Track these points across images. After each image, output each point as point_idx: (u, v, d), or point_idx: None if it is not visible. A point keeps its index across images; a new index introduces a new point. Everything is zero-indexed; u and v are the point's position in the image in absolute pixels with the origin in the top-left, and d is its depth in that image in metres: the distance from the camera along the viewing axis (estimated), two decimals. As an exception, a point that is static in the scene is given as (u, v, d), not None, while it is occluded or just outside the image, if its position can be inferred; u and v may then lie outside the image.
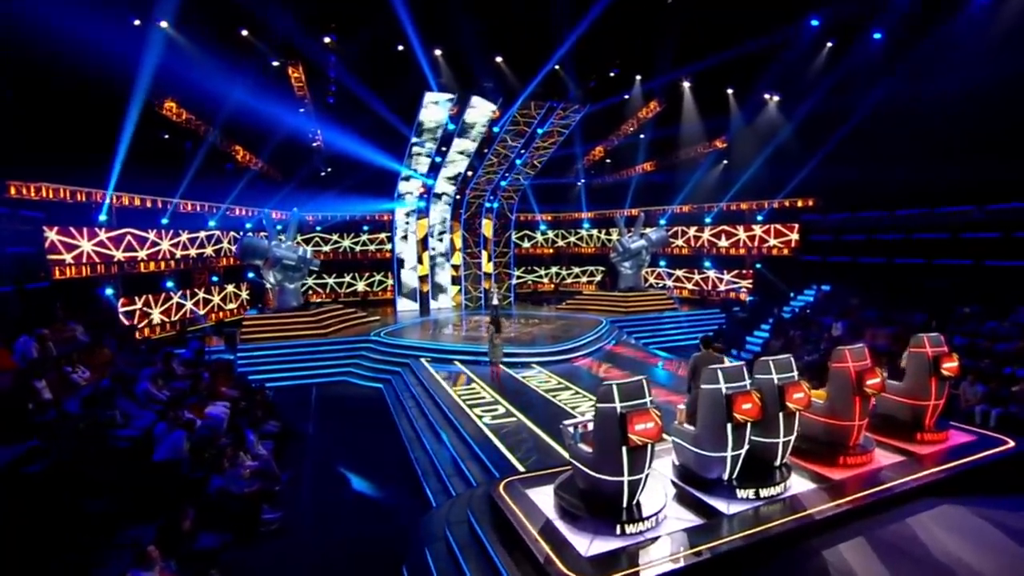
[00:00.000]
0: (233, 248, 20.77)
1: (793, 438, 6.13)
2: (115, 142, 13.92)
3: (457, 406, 11.19)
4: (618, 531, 5.13)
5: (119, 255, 15.79)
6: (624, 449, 5.05)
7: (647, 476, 5.31)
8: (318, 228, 27.97)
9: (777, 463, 6.15)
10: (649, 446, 5.16)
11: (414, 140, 20.69)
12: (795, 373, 6.22)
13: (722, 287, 25.58)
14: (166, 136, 17.29)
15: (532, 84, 18.92)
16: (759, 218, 23.73)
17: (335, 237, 28.26)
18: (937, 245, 16.09)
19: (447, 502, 6.96)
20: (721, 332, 20.68)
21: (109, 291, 15.25)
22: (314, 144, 23.21)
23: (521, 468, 7.69)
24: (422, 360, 15.65)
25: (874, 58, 16.76)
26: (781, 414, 6.01)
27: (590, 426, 5.57)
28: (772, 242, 23.27)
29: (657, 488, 5.68)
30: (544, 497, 5.96)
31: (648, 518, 5.21)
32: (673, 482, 6.22)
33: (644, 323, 21.86)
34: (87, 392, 7.65)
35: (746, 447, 5.87)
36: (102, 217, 15.06)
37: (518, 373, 14.04)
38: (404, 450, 10.30)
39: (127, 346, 11.34)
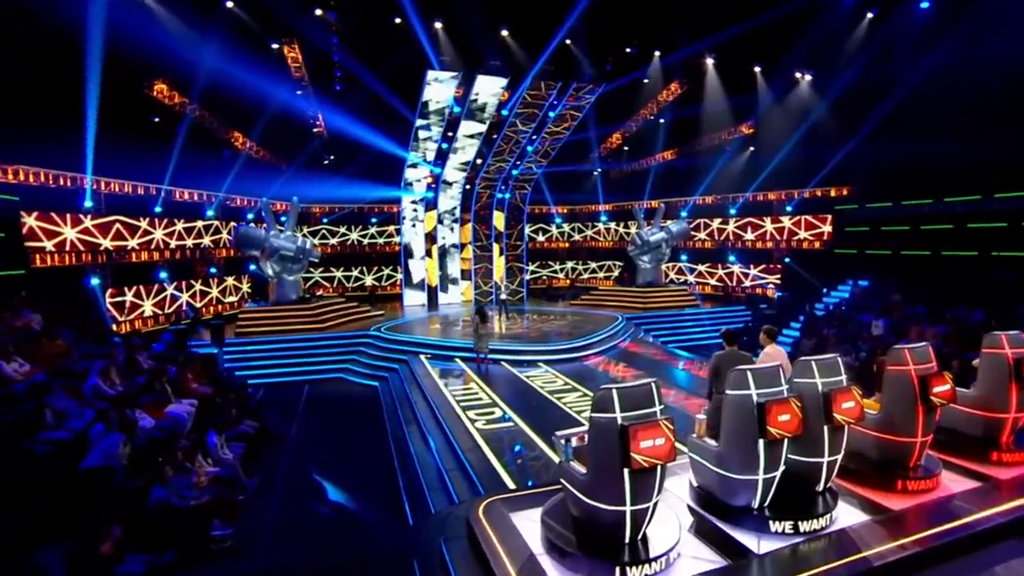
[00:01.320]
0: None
1: (840, 457, 4.98)
2: (97, 123, 13.18)
3: (450, 408, 10.20)
4: (617, 574, 4.05)
5: (107, 243, 15.14)
6: (626, 472, 3.97)
7: (656, 504, 4.22)
8: (325, 220, 27.33)
9: (820, 488, 5.01)
10: (658, 468, 4.07)
11: (419, 123, 19.75)
12: (843, 377, 5.06)
13: (747, 283, 24.22)
14: (156, 119, 16.61)
15: (541, 59, 17.79)
16: (788, 209, 22.32)
17: (342, 229, 27.60)
18: (993, 235, 14.60)
19: (421, 522, 5.96)
20: (747, 330, 19.40)
21: (95, 281, 14.59)
22: (315, 130, 22.41)
23: (511, 483, 6.66)
24: (421, 357, 14.72)
25: (921, 27, 15.28)
26: (826, 428, 4.87)
27: (587, 438, 4.48)
28: (802, 235, 21.84)
29: (669, 517, 4.60)
30: (531, 524, 4.91)
31: (657, 558, 4.13)
32: (690, 508, 5.11)
33: (663, 320, 20.69)
34: (21, 387, 6.85)
35: (782, 468, 4.74)
36: (87, 203, 14.40)
37: (523, 372, 13.01)
38: (390, 456, 9.35)
39: (90, 337, 10.60)
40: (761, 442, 4.53)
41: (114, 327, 15.19)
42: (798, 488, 4.88)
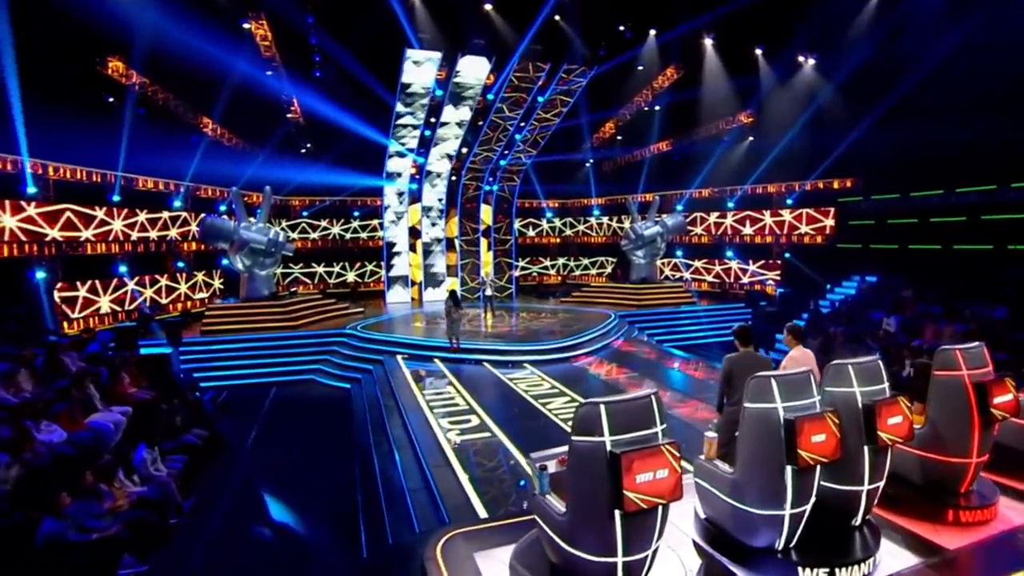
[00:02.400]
0: (202, 231, 18.94)
1: (883, 484, 4.07)
2: (41, 100, 12.08)
3: (421, 416, 9.23)
4: (605, 643, 3.11)
5: (55, 234, 14.02)
6: (617, 514, 3.03)
7: (656, 551, 3.28)
8: (305, 214, 26.31)
9: (857, 521, 4.08)
10: (660, 509, 3.12)
11: (399, 108, 18.72)
12: (886, 384, 4.14)
13: (746, 279, 23.39)
14: (111, 99, 15.47)
15: (528, 36, 16.76)
16: (788, 202, 21.51)
17: (324, 223, 26.56)
18: (1009, 228, 13.79)
19: (372, 558, 4.99)
20: (747, 328, 18.54)
21: (41, 275, 13.48)
22: (289, 115, 21.31)
23: (482, 510, 5.69)
24: (398, 358, 13.73)
25: (934, 7, 14.43)
26: (867, 448, 3.95)
27: (568, 465, 3.50)
28: (803, 229, 21.02)
29: (669, 559, 3.66)
30: (500, 567, 3.97)
31: (655, 622, 3.18)
32: (697, 547, 4.17)
33: (658, 318, 19.83)
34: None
35: (812, 500, 3.82)
36: (30, 189, 13.27)
37: (506, 374, 12.05)
38: (353, 470, 8.36)
39: (22, 336, 9.55)
40: (789, 469, 3.61)
41: (65, 325, 14.10)
42: (830, 522, 3.96)
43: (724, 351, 16.76)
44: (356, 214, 26.80)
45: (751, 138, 22.21)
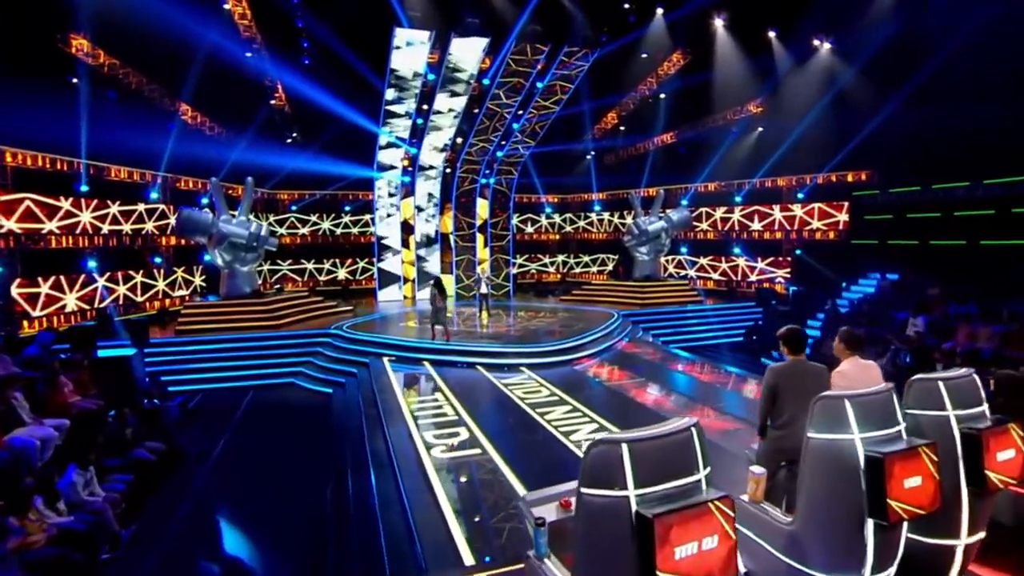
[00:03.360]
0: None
1: (983, 534, 3.17)
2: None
3: (404, 427, 8.31)
4: None
5: (12, 225, 13.06)
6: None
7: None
8: (293, 208, 25.38)
9: (950, 581, 3.17)
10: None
11: (389, 95, 17.78)
12: (985, 407, 3.22)
13: (753, 277, 22.50)
14: (74, 80, 14.49)
15: (526, 13, 15.81)
16: (800, 196, 20.61)
17: (313, 218, 25.63)
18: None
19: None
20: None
21: (-2, 269, 12.55)
22: (273, 101, 20.36)
23: (467, 553, 4.75)
24: (384, 360, 12.81)
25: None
26: (967, 490, 3.05)
27: (576, 521, 2.54)
28: (815, 224, 20.12)
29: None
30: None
31: None
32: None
33: (663, 318, 18.91)
34: None
35: (899, 559, 2.92)
36: (-16, 177, 12.35)
37: (501, 379, 11.14)
38: (324, 492, 7.42)
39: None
40: (871, 523, 2.71)
41: (25, 324, 13.16)
42: (917, 583, 3.06)
43: (733, 353, 15.86)
44: (347, 208, 25.89)
45: (760, 129, 21.29)
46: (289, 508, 7.06)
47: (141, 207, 17.03)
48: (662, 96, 23.58)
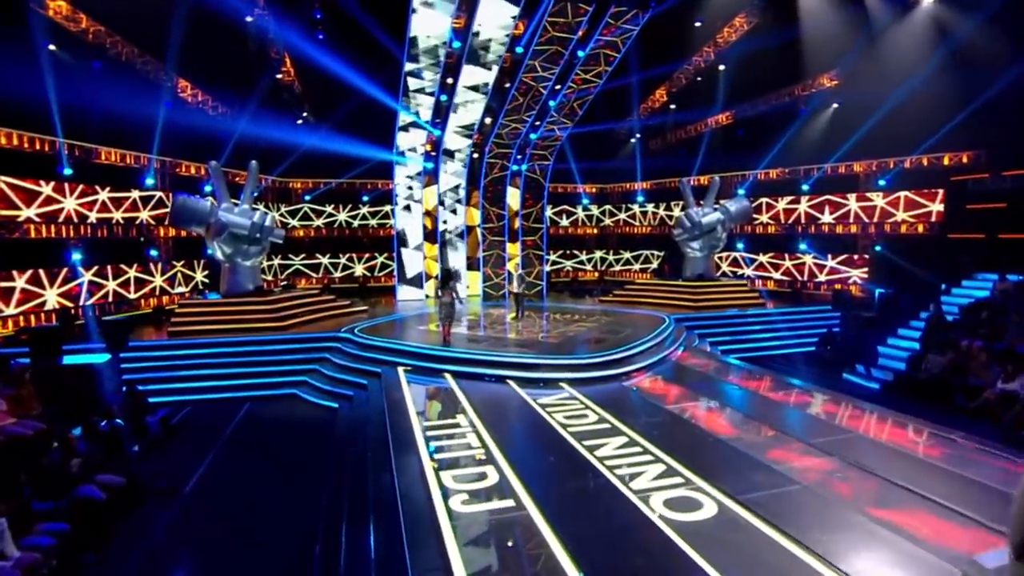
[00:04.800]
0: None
1: None
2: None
3: (416, 462, 6.80)
4: None
5: (-18, 212, 12.08)
6: None
7: None
8: (307, 198, 24.36)
9: None
10: None
11: (408, 67, 16.33)
12: None
13: (822, 277, 20.49)
14: (52, 47, 13.37)
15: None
16: (881, 183, 18.49)
17: (329, 209, 24.55)
18: None
19: None
20: (832, 337, 15.77)
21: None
22: (279, 75, 19.13)
23: None
24: (399, 371, 11.36)
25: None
26: None
27: None
28: (900, 215, 18.02)
29: None
30: None
31: None
32: None
33: (720, 323, 17.06)
34: None
35: None
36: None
37: (537, 397, 9.56)
38: (313, 544, 5.97)
39: None
40: None
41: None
42: None
43: (807, 365, 13.85)
44: (365, 199, 24.80)
45: (836, 105, 19.19)
46: (262, 558, 5.61)
47: (135, 194, 15.98)
48: (721, 68, 21.55)
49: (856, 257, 19.41)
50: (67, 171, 13.86)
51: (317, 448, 9.20)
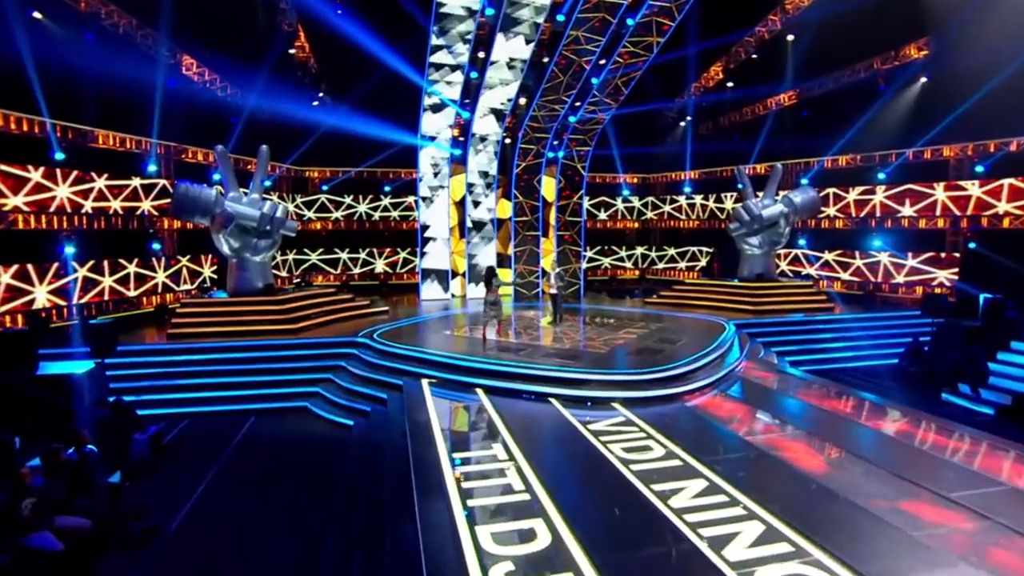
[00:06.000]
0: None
1: None
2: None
3: (444, 508, 5.68)
4: None
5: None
6: None
7: None
8: (324, 188, 23.63)
9: None
10: None
11: (435, 40, 15.23)
12: None
13: (900, 278, 18.88)
14: (36, 15, 12.51)
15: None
16: (978, 169, 16.77)
17: (348, 200, 23.77)
18: None
19: None
20: (919, 348, 14.25)
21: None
22: (292, 51, 18.22)
23: None
24: (423, 383, 10.28)
25: None
26: None
27: None
28: (1003, 206, 16.35)
29: None
30: None
31: None
32: None
33: (783, 330, 15.70)
34: None
35: None
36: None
37: (584, 420, 8.36)
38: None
39: None
40: None
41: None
42: None
43: (891, 381, 12.28)
44: (387, 189, 23.97)
45: (924, 79, 17.50)
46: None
47: (136, 182, 15.24)
48: (789, 38, 19.86)
49: (943, 255, 17.74)
50: (59, 156, 13.13)
51: (327, 479, 8.14)
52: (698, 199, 24.96)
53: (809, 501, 6.00)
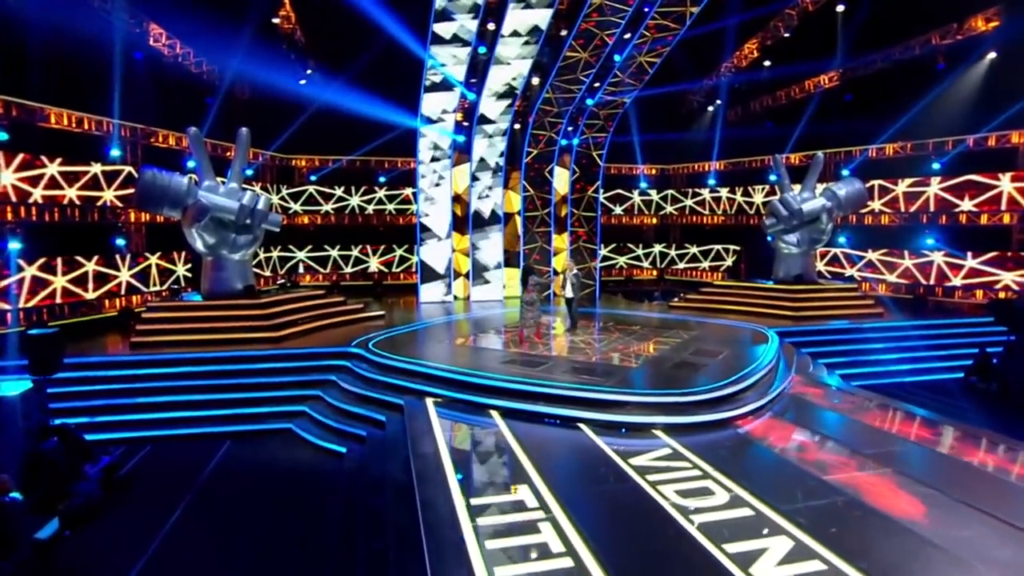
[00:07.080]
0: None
1: None
2: None
3: (462, 562, 4.67)
4: None
5: None
6: None
7: None
8: (312, 178, 22.73)
9: None
10: None
11: (439, 4, 14.26)
12: None
13: (958, 280, 18.00)
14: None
15: None
16: (1050, 158, 15.90)
17: (339, 192, 22.86)
18: None
19: None
20: (988, 361, 13.37)
21: None
22: (275, 21, 17.27)
23: None
24: (427, 403, 9.26)
25: None
26: None
27: None
28: (1077, 201, 15.40)
29: None
30: None
31: None
32: None
33: (828, 339, 14.86)
34: None
35: None
36: None
37: (622, 450, 7.36)
38: None
39: None
40: None
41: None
42: None
43: (966, 399, 11.26)
44: (382, 179, 23.10)
45: (993, 55, 16.50)
46: None
47: (97, 168, 14.28)
48: (839, 9, 18.73)
49: (1010, 254, 16.86)
50: (1, 135, 12.12)
51: (315, 524, 7.14)
52: (724, 192, 24.03)
53: (922, 570, 4.99)
